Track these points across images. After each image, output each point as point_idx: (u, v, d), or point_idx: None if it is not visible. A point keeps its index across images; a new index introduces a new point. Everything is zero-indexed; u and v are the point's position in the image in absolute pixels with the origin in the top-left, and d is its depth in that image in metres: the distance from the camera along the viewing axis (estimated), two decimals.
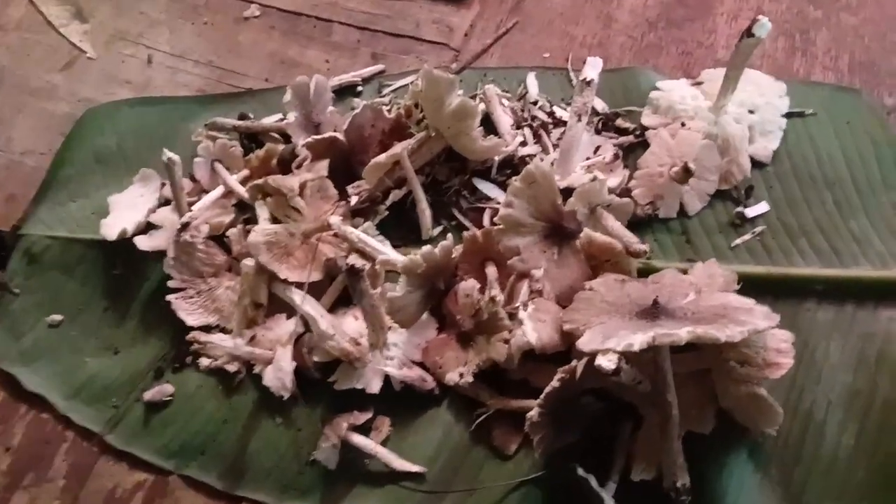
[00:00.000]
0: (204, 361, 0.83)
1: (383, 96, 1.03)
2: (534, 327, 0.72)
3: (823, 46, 0.96)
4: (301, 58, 1.11)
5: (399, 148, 0.86)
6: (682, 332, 0.60)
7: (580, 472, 0.64)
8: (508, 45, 1.05)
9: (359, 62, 1.08)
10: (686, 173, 0.80)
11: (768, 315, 0.64)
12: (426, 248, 0.76)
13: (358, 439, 0.74)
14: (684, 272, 0.74)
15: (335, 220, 0.84)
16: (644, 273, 0.77)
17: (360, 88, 1.05)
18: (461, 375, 0.74)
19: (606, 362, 0.60)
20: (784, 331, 0.67)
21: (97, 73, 1.14)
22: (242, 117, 1.02)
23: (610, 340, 0.62)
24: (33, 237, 0.98)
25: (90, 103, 1.09)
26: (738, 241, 0.82)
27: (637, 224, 0.83)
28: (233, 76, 1.11)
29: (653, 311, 0.66)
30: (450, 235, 0.80)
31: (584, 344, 0.63)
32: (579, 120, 0.87)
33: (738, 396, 0.66)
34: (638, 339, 0.60)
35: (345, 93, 1.04)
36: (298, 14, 1.16)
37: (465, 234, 0.81)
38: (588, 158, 0.89)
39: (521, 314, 0.73)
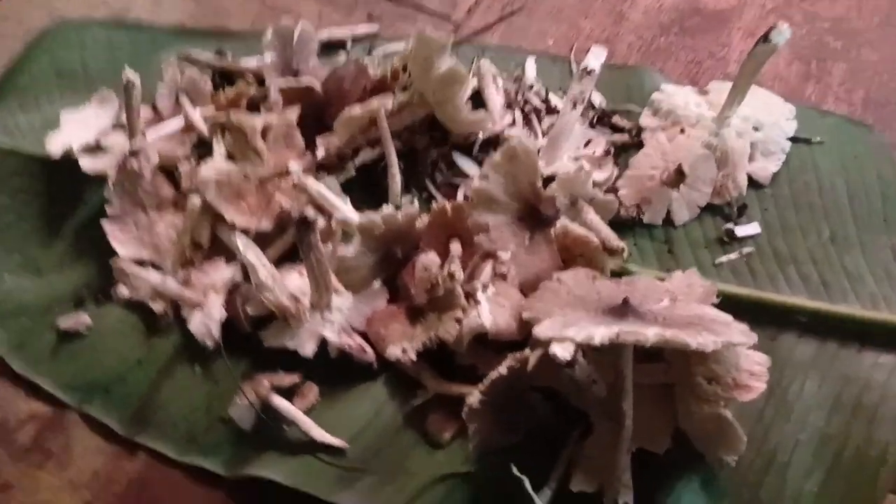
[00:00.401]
0: (123, 291, 0.76)
1: (372, 58, 0.97)
2: (491, 310, 0.65)
3: (839, 77, 0.91)
4: (293, 5, 1.05)
5: (376, 102, 0.80)
6: (650, 333, 0.54)
7: (515, 471, 0.57)
8: (512, 26, 0.99)
9: (353, 21, 1.02)
10: (679, 176, 0.74)
11: (745, 332, 0.58)
12: (388, 209, 0.69)
13: (279, 402, 0.66)
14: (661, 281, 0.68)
15: (295, 166, 0.77)
16: (618, 276, 0.71)
17: (349, 46, 0.99)
18: (404, 351, 0.67)
19: (561, 351, 0.54)
20: (760, 353, 0.61)
21: None
22: (219, 53, 0.96)
23: (569, 329, 0.55)
24: None
25: (63, 19, 1.02)
26: (724, 258, 0.76)
27: (619, 226, 0.77)
28: (218, 14, 1.04)
29: (621, 310, 0.60)
30: (416, 203, 0.73)
31: (541, 330, 0.57)
32: (574, 108, 0.81)
33: (701, 416, 0.59)
34: (600, 332, 0.54)
35: (332, 49, 0.98)
36: None
37: (434, 204, 0.74)
38: (578, 150, 0.83)
39: (480, 295, 0.67)
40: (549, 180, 0.74)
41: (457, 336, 0.65)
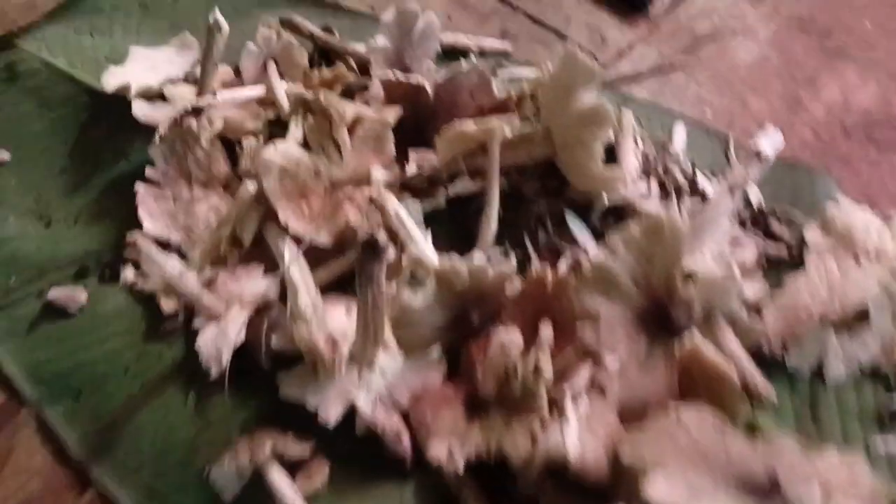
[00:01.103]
0: (128, 273, 0.61)
1: (497, 78, 0.82)
2: (580, 436, 0.49)
3: None
4: (420, 1, 0.91)
5: (496, 123, 0.64)
6: None
7: None
8: (667, 84, 0.83)
9: (484, 33, 0.87)
10: (859, 320, 0.57)
11: None
12: (479, 259, 0.54)
13: (276, 477, 0.50)
14: None
15: (379, 174, 0.62)
16: (748, 427, 0.54)
17: (473, 58, 0.84)
18: (451, 453, 0.51)
19: None
20: None
21: None
22: (326, 30, 0.82)
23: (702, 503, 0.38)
24: (25, 54, 0.79)
25: None
26: (882, 444, 0.58)
27: (754, 361, 0.60)
28: None
29: (764, 491, 0.43)
30: (514, 261, 0.57)
31: (657, 493, 0.40)
32: (731, 195, 0.65)
33: None
34: None
35: (452, 57, 0.83)
36: None
37: (533, 269, 0.58)
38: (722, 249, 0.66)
39: (569, 409, 0.50)
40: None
41: (527, 456, 0.49)
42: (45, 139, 0.73)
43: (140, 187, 0.66)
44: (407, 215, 0.62)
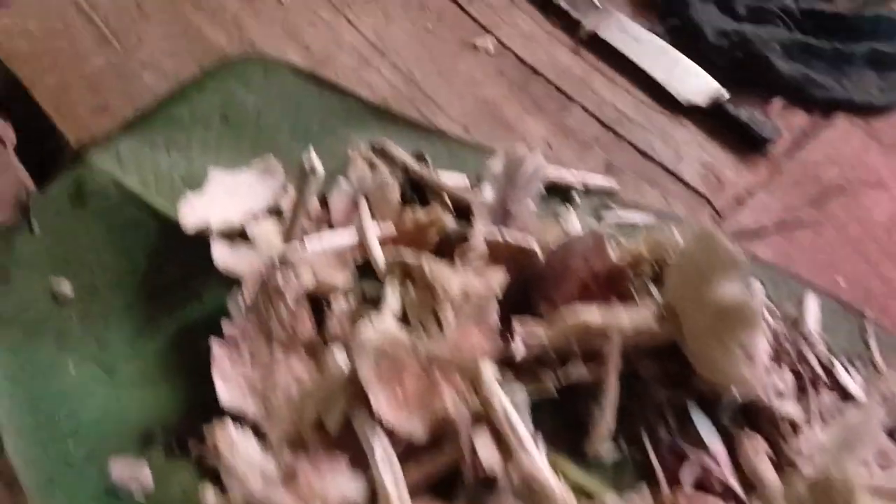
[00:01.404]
0: (209, 497, 0.53)
1: (602, 223, 0.75)
2: None
3: None
4: (518, 124, 0.84)
5: (625, 318, 0.57)
6: None
7: None
8: (793, 243, 0.75)
9: (586, 164, 0.80)
10: None
11: None
12: (612, 500, 0.46)
13: None
14: None
15: (489, 373, 0.55)
16: None
17: (575, 197, 0.77)
18: None
19: None
20: None
21: (278, 23, 0.90)
22: (419, 156, 0.76)
23: None
24: (96, 171, 0.73)
25: (252, 49, 0.85)
26: None
27: None
28: (428, 104, 0.85)
29: None
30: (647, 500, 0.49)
31: None
32: (883, 407, 0.57)
33: None
34: None
35: (552, 193, 0.76)
36: (537, 73, 0.90)
37: (664, 496, 0.50)
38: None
39: None
40: None
41: None
42: (111, 272, 0.67)
43: (216, 346, 0.59)
44: (517, 418, 0.54)
